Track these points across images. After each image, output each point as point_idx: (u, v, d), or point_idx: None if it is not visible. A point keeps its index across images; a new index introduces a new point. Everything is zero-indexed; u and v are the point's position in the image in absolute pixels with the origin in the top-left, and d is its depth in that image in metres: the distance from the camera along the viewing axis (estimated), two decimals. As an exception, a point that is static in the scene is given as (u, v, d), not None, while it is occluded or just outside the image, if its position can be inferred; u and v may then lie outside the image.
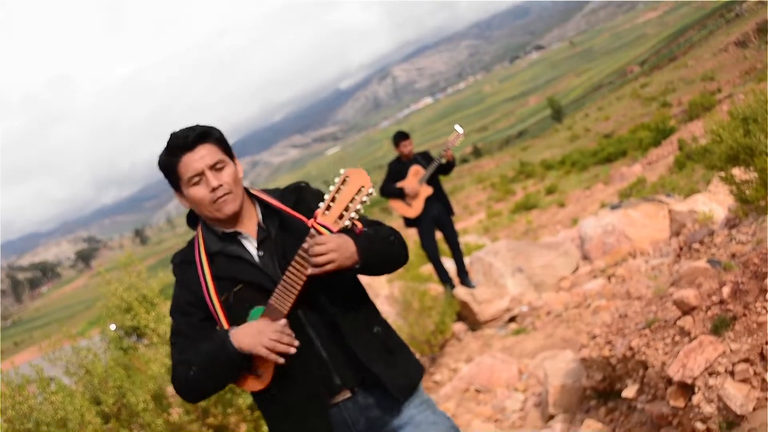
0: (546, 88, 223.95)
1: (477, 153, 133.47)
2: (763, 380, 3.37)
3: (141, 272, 5.82)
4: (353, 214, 2.50)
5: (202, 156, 2.57)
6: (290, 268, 2.50)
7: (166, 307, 5.53)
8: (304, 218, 2.61)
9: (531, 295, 9.61)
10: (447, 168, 9.23)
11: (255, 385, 2.60)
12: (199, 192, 2.58)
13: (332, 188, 2.50)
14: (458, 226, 9.72)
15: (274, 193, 2.76)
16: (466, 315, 9.56)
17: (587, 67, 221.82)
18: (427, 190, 9.17)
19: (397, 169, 9.31)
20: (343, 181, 2.50)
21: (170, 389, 5.33)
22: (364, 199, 2.49)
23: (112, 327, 5.81)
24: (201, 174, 2.57)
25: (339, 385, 2.62)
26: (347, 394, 2.64)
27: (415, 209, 9.20)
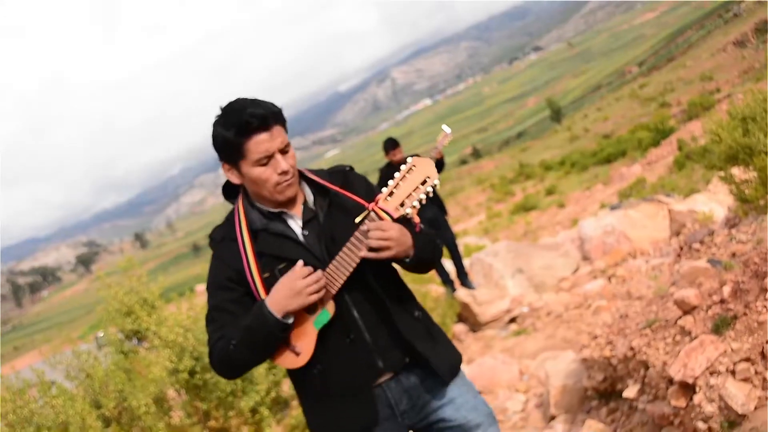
0: (545, 89, 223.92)
1: (476, 154, 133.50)
2: (764, 379, 3.36)
3: (141, 276, 5.82)
4: (415, 203, 2.50)
5: (274, 137, 2.49)
6: (345, 248, 2.49)
7: (166, 310, 5.54)
8: (363, 201, 2.59)
9: (531, 296, 9.61)
10: (437, 167, 9.21)
11: (294, 361, 2.58)
12: (265, 173, 2.51)
13: (397, 175, 2.50)
14: (458, 227, 9.74)
15: (320, 173, 2.72)
16: (466, 316, 9.56)
17: (586, 68, 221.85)
18: None
19: (388, 173, 9.29)
20: (409, 170, 2.50)
21: (171, 392, 5.33)
22: (428, 189, 2.50)
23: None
24: (271, 156, 2.49)
25: (380, 368, 2.61)
26: (389, 375, 2.64)
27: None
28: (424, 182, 2.50)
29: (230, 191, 2.72)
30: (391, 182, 2.50)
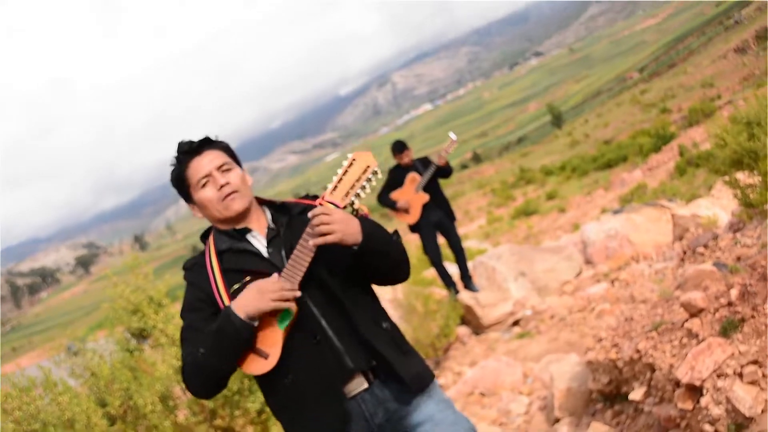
0: (545, 95, 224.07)
1: (477, 159, 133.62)
2: (772, 382, 3.38)
3: (148, 274, 5.83)
4: (359, 191, 2.59)
5: (209, 159, 2.69)
6: (299, 243, 2.56)
7: (173, 308, 5.55)
8: (313, 202, 2.70)
9: (534, 299, 9.60)
10: (445, 172, 9.24)
11: (263, 366, 2.60)
12: (207, 192, 2.68)
13: (339, 171, 2.61)
14: (459, 231, 9.74)
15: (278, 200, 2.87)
16: (470, 319, 9.56)
17: (586, 74, 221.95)
18: (423, 198, 9.16)
19: (395, 176, 9.31)
20: (350, 164, 2.60)
21: (177, 390, 5.33)
22: (370, 177, 2.59)
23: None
24: (208, 176, 2.68)
25: (351, 369, 2.61)
26: (363, 384, 2.64)
27: (412, 216, 9.22)
28: (365, 171, 2.59)
29: (206, 235, 2.85)
30: (334, 178, 2.60)
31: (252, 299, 2.52)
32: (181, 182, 2.74)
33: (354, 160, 2.60)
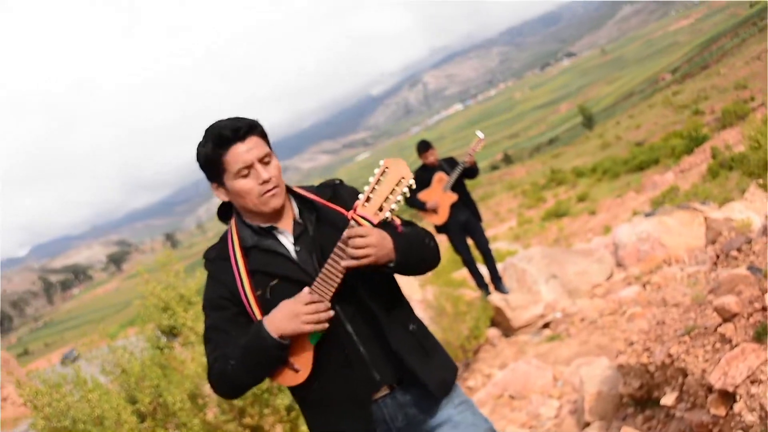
0: (577, 96, 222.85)
1: (507, 160, 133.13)
2: (808, 388, 3.33)
3: (179, 272, 5.86)
4: (393, 206, 2.49)
5: (251, 148, 2.53)
6: (329, 260, 2.48)
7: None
8: (342, 210, 2.60)
9: (565, 302, 9.56)
10: (471, 172, 9.20)
11: (293, 379, 2.60)
12: (247, 184, 2.53)
13: (371, 179, 2.49)
14: (488, 232, 9.74)
15: (309, 189, 2.75)
16: (500, 321, 9.53)
17: (619, 75, 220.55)
18: (452, 197, 9.13)
19: (422, 176, 9.27)
20: (383, 172, 2.48)
21: (206, 388, 5.35)
22: (404, 190, 2.47)
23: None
24: (250, 166, 2.53)
25: (378, 381, 2.62)
26: (386, 391, 2.64)
27: (441, 216, 9.19)
28: (399, 183, 2.47)
29: (225, 213, 2.75)
30: (366, 188, 2.49)
31: (286, 321, 2.47)
32: (214, 165, 2.57)
33: (387, 168, 2.48)
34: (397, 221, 2.61)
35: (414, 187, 2.52)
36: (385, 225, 2.52)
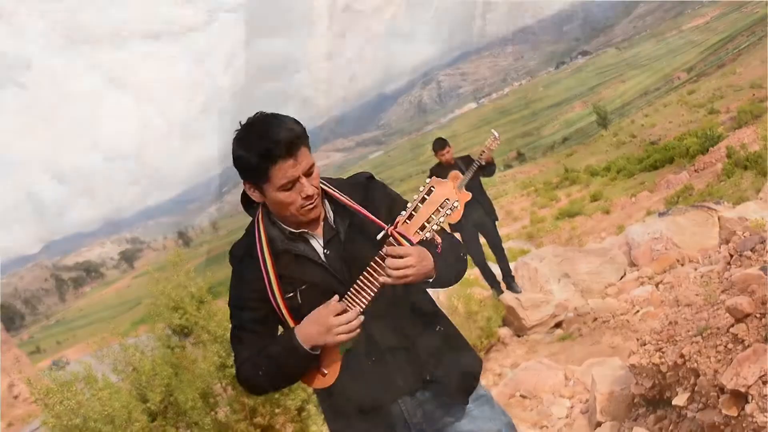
0: (591, 95, 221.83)
1: (521, 158, 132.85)
2: (820, 390, 3.31)
3: (189, 271, 5.86)
4: (435, 227, 2.44)
5: (299, 162, 2.44)
6: (365, 273, 2.45)
7: (215, 305, 5.56)
8: (382, 224, 2.52)
9: (577, 302, 9.53)
10: (487, 170, 9.16)
11: (321, 382, 2.60)
12: (290, 197, 2.47)
13: (416, 197, 2.44)
14: (501, 231, 9.69)
15: (340, 186, 2.67)
16: (511, 320, 9.51)
17: (633, 74, 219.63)
18: (465, 196, 9.09)
19: (437, 174, 9.23)
20: (428, 191, 2.44)
21: (217, 388, 5.36)
22: (448, 212, 2.44)
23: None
24: (296, 181, 2.45)
25: (401, 387, 2.62)
26: (408, 394, 2.65)
27: (454, 214, 9.15)
28: (443, 205, 2.43)
29: (249, 202, 2.68)
30: (409, 204, 2.45)
31: (319, 333, 2.45)
32: (256, 174, 2.47)
33: (432, 187, 2.43)
34: (438, 240, 2.53)
35: (458, 207, 2.47)
36: (425, 243, 2.48)
